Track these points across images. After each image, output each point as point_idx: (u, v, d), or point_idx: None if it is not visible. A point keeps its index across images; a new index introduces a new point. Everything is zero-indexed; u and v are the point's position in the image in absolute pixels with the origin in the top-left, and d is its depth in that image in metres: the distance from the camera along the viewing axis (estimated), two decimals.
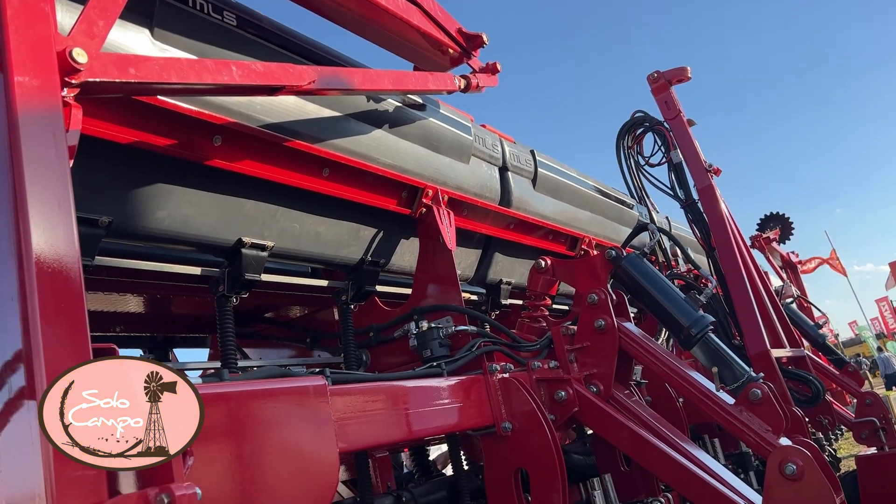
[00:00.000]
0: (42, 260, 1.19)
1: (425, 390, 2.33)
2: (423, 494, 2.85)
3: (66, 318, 1.17)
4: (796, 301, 6.51)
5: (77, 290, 1.21)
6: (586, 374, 3.10)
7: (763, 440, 2.84)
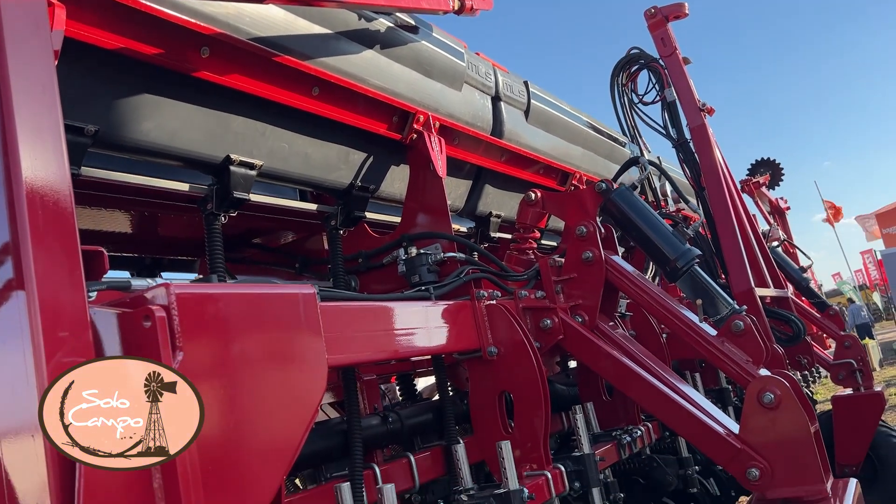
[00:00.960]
0: (30, 162, 1.17)
1: (413, 311, 2.36)
2: (409, 416, 2.90)
3: (55, 218, 1.17)
4: (782, 245, 6.57)
5: (65, 191, 1.20)
6: (572, 304, 3.13)
7: (743, 370, 2.91)
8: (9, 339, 1.10)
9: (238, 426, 1.32)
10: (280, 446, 1.40)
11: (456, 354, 2.71)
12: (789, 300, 4.99)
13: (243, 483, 1.29)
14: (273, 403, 1.43)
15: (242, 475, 1.29)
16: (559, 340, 2.97)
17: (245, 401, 1.36)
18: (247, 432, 1.33)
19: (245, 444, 1.32)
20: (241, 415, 1.34)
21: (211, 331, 1.31)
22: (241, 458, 1.30)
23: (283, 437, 1.41)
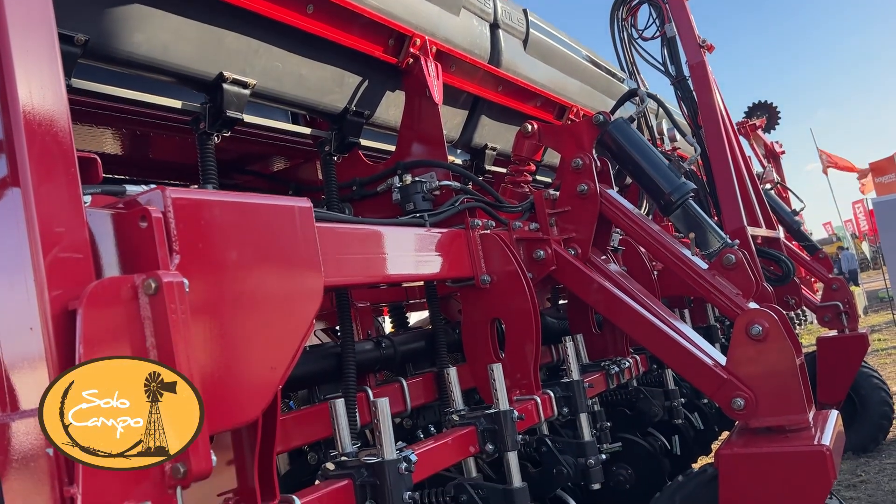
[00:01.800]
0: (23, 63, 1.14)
1: (408, 237, 2.36)
2: (402, 343, 2.94)
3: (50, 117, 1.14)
4: (775, 188, 6.58)
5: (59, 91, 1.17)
6: (565, 237, 3.14)
7: (733, 303, 2.94)
8: (5, 235, 1.09)
9: (234, 334, 1.33)
10: (275, 356, 1.41)
11: (449, 282, 2.73)
12: (780, 241, 5.01)
13: (238, 389, 1.31)
14: (269, 313, 1.43)
15: (237, 381, 1.31)
16: (551, 271, 2.99)
17: (241, 309, 1.37)
18: (242, 340, 1.34)
19: (240, 351, 1.33)
20: (237, 323, 1.34)
21: (207, 236, 1.30)
22: (236, 364, 1.31)
23: (279, 348, 1.42)
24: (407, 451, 1.83)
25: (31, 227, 1.05)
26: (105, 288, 1.07)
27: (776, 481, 2.55)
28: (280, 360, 1.40)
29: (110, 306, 1.06)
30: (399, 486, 1.74)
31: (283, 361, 1.41)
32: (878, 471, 5.39)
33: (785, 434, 2.68)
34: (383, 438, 1.76)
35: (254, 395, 1.33)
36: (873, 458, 5.69)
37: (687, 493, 2.81)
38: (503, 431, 2.26)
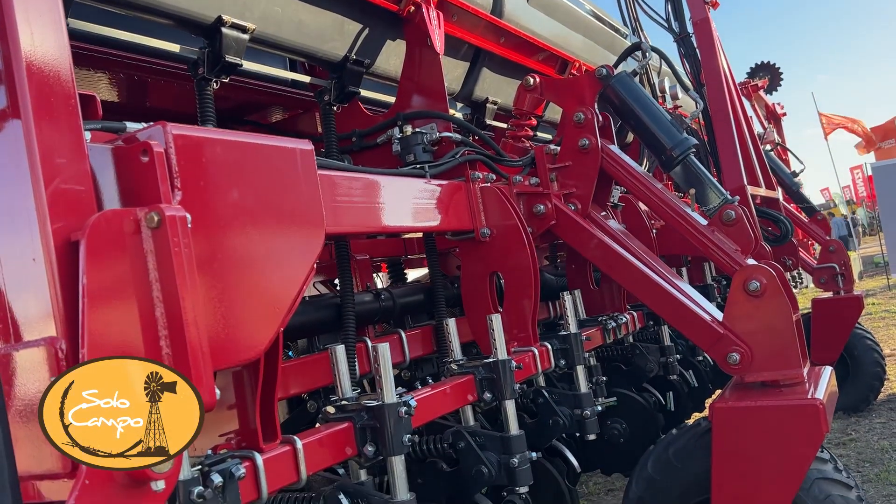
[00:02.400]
0: None
1: (409, 187, 2.35)
2: (401, 295, 2.95)
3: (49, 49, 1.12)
4: (776, 150, 6.55)
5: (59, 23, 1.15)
6: (565, 192, 3.13)
7: (731, 259, 2.95)
8: (6, 166, 1.08)
9: (236, 273, 1.33)
10: (277, 298, 1.41)
11: (449, 235, 2.72)
12: (779, 202, 5.01)
13: (241, 328, 1.31)
14: (271, 254, 1.43)
15: (240, 320, 1.31)
16: (551, 226, 2.99)
17: (243, 248, 1.37)
18: (245, 279, 1.34)
19: (243, 291, 1.33)
20: (238, 262, 1.34)
21: (209, 175, 1.29)
22: (238, 303, 1.31)
23: (281, 289, 1.42)
24: (406, 397, 1.85)
25: (31, 157, 1.04)
26: (108, 220, 1.06)
27: (769, 434, 2.59)
28: (282, 302, 1.41)
29: (113, 238, 1.06)
30: (399, 429, 1.76)
31: (285, 303, 1.42)
32: (868, 430, 5.48)
33: (779, 388, 2.71)
34: (383, 382, 1.77)
35: (256, 335, 1.34)
36: (863, 417, 5.78)
37: (680, 445, 2.85)
38: (501, 380, 2.28)
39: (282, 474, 1.54)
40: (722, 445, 2.66)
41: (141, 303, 1.08)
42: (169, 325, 1.10)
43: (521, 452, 2.25)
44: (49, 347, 1.04)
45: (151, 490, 1.04)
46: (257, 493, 1.46)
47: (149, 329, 1.09)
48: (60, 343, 1.03)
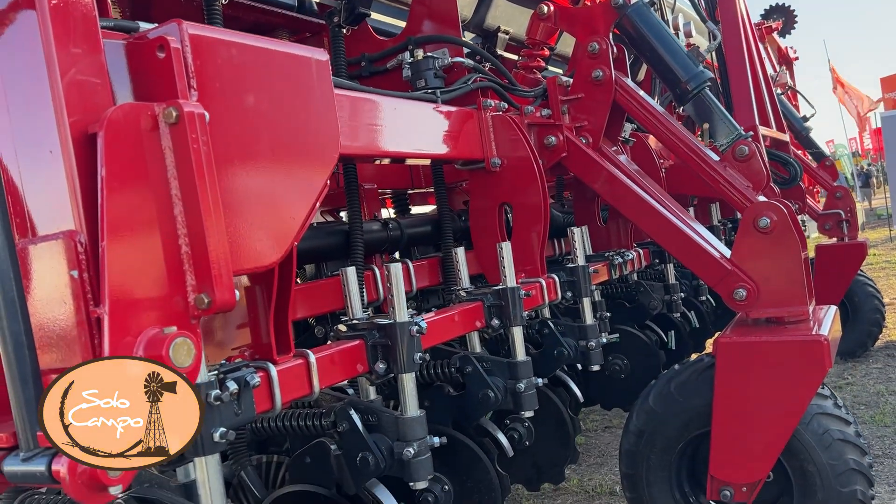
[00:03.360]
0: None
1: (420, 111, 2.31)
2: (408, 225, 2.94)
3: None
4: (786, 94, 6.45)
5: None
6: (577, 125, 3.09)
7: (742, 195, 2.92)
8: (23, 58, 1.05)
9: (253, 177, 1.31)
10: (293, 206, 1.40)
11: (459, 164, 2.69)
12: (788, 144, 4.96)
13: (259, 233, 1.30)
14: (288, 160, 1.41)
15: (258, 225, 1.29)
16: (562, 159, 2.95)
17: (260, 153, 1.34)
18: (262, 184, 1.32)
19: (260, 196, 1.31)
20: (255, 166, 1.32)
21: (224, 76, 1.26)
22: (256, 208, 1.29)
23: (297, 197, 1.41)
24: (417, 318, 1.85)
25: (47, 47, 1.01)
26: (126, 112, 1.03)
27: (773, 369, 2.61)
28: (298, 211, 1.39)
29: (131, 132, 1.03)
30: (410, 347, 1.76)
31: (301, 212, 1.40)
32: (864, 374, 5.54)
33: (784, 325, 2.73)
34: (396, 301, 1.77)
35: (273, 241, 1.33)
36: (860, 362, 5.84)
37: (682, 379, 2.88)
38: (509, 307, 2.28)
39: (295, 386, 1.55)
40: (725, 379, 2.68)
41: (159, 200, 1.06)
42: (188, 223, 1.08)
43: (528, 378, 2.27)
44: (68, 241, 1.02)
45: None
46: (271, 402, 1.47)
47: (167, 227, 1.08)
48: (80, 236, 1.02)
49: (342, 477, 1.82)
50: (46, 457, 0.96)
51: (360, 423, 1.78)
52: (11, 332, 0.97)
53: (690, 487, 2.97)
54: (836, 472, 2.64)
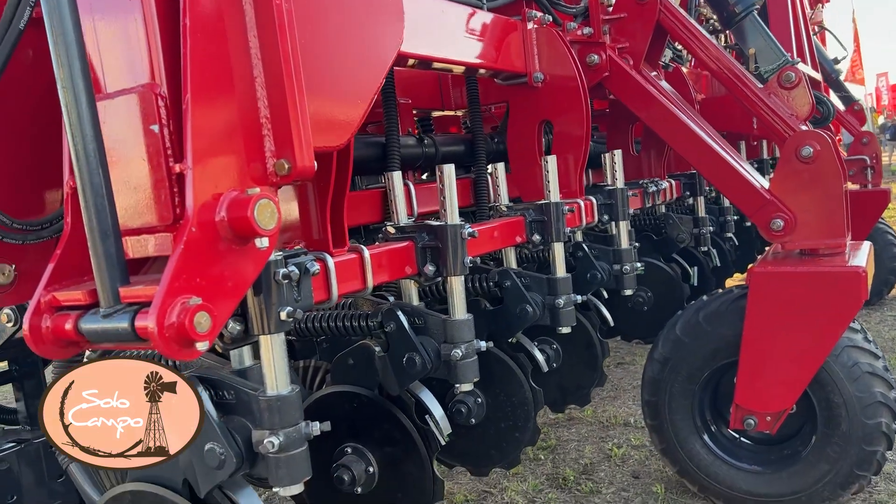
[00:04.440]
0: None
1: (467, 16, 2.23)
2: (443, 143, 2.87)
3: None
4: (819, 34, 6.28)
5: None
6: (619, 46, 3.00)
7: (785, 124, 2.86)
8: None
9: (325, 52, 1.25)
10: (359, 87, 1.35)
11: (499, 79, 2.62)
12: (821, 84, 4.85)
13: (331, 110, 1.25)
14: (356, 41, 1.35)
15: (330, 101, 1.24)
16: (603, 79, 2.88)
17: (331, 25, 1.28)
18: (333, 61, 1.26)
19: (332, 72, 1.26)
20: (326, 39, 1.26)
21: None
22: (328, 82, 1.24)
23: (363, 79, 1.36)
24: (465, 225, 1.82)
25: None
26: None
27: (808, 300, 2.58)
28: (364, 92, 1.34)
29: None
30: (461, 250, 1.73)
31: (367, 95, 1.35)
32: (879, 321, 5.55)
33: (819, 257, 2.70)
34: (447, 203, 1.74)
35: (341, 121, 1.28)
36: (875, 310, 5.85)
37: (711, 309, 2.86)
38: (552, 222, 2.25)
39: (350, 280, 1.53)
40: (757, 309, 2.66)
41: (240, 57, 1.01)
42: (268, 85, 1.04)
43: (567, 294, 2.24)
44: (148, 94, 0.98)
45: (256, 247, 1.01)
46: (328, 293, 1.44)
47: (248, 87, 1.03)
48: (160, 89, 0.97)
49: (385, 378, 1.82)
50: (129, 313, 0.93)
51: (407, 324, 1.76)
52: (93, 187, 0.93)
53: (712, 416, 2.99)
54: (862, 405, 2.65)
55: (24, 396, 1.99)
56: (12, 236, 1.31)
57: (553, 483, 3.41)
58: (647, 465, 3.49)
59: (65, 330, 0.96)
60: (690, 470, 2.95)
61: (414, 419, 1.84)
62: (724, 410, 2.95)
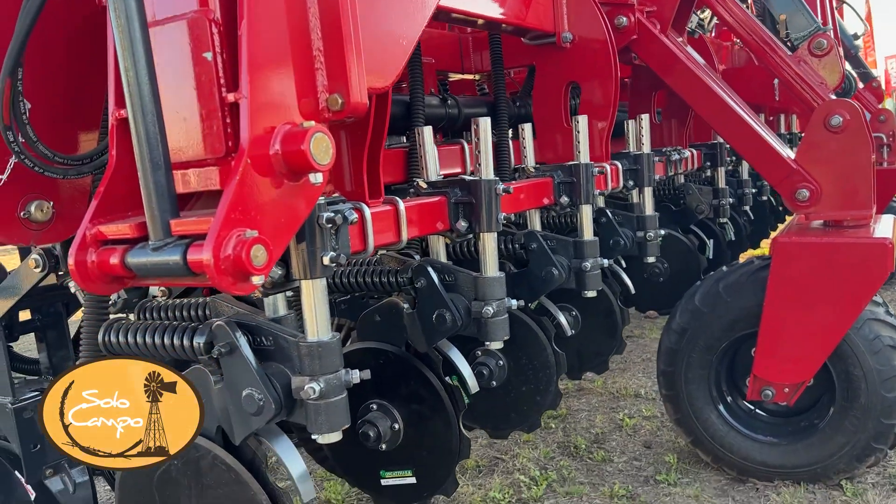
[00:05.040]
0: None
1: None
2: (466, 104, 2.83)
3: None
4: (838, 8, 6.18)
5: None
6: (647, 10, 2.94)
7: (815, 92, 2.81)
8: None
9: None
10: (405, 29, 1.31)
11: (527, 38, 2.57)
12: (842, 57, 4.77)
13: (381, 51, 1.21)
14: None
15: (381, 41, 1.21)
16: (630, 42, 2.82)
17: None
18: None
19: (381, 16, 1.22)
20: None
21: None
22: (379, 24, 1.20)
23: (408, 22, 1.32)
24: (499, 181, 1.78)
25: None
26: None
27: (832, 271, 2.56)
28: (409, 35, 1.30)
29: None
30: (495, 206, 1.70)
31: (412, 36, 1.31)
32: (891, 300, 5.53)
33: (844, 228, 2.67)
34: (482, 158, 1.70)
35: (390, 61, 1.25)
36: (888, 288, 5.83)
37: (731, 281, 2.84)
38: (581, 184, 2.21)
39: (385, 232, 1.50)
40: (779, 279, 2.64)
41: None
42: (322, 15, 1.00)
43: (594, 258, 2.22)
44: (201, 20, 0.94)
45: (309, 183, 0.98)
46: (364, 243, 1.42)
47: (301, 17, 0.99)
48: (214, 14, 0.93)
49: (413, 335, 1.80)
50: (180, 246, 0.90)
51: (437, 280, 1.73)
52: (145, 116, 0.89)
53: (728, 387, 2.98)
54: (882, 378, 2.64)
55: (47, 347, 1.97)
56: (53, 170, 1.28)
57: (564, 451, 3.41)
58: (658, 435, 3.49)
59: (111, 264, 0.93)
60: (705, 440, 2.94)
61: (441, 377, 1.82)
62: (741, 382, 2.94)
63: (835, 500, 2.75)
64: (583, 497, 2.95)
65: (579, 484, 3.06)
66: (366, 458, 1.90)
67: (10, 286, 1.63)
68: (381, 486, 1.91)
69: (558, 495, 2.98)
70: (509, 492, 3.01)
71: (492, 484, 3.07)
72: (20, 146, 1.24)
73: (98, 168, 1.34)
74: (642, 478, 3.08)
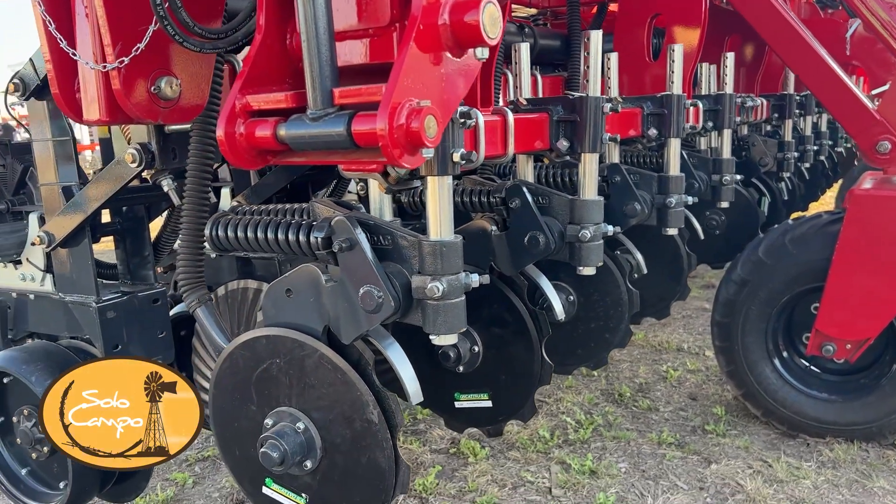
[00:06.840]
0: None
1: None
2: (542, 36, 2.75)
3: None
4: None
5: None
6: None
7: None
8: None
9: None
10: None
11: None
12: None
13: None
14: None
15: None
16: None
17: None
18: None
19: None
20: None
21: None
22: None
23: None
24: None
25: None
26: None
27: None
28: None
29: None
30: (600, 126, 1.64)
31: None
32: None
33: None
34: (591, 73, 1.64)
35: None
36: None
37: (799, 233, 2.77)
38: (672, 116, 2.14)
39: (493, 143, 1.45)
40: (853, 232, 2.57)
41: None
42: None
43: (679, 194, 2.16)
44: None
45: (473, 58, 0.92)
46: (476, 149, 1.36)
47: None
48: None
49: (500, 258, 1.76)
50: (343, 116, 0.86)
51: (531, 201, 1.69)
52: None
53: (784, 342, 2.93)
54: None
55: (125, 251, 1.95)
56: (192, 42, 1.23)
57: (609, 398, 3.40)
58: (704, 388, 3.46)
59: (260, 137, 0.89)
60: (757, 393, 2.91)
61: (526, 301, 1.79)
62: (797, 337, 2.89)
63: (888, 458, 2.73)
64: (630, 442, 2.94)
65: (626, 430, 3.05)
66: (441, 378, 1.88)
67: (105, 179, 1.60)
68: (455, 408, 1.89)
69: (605, 439, 2.97)
70: (557, 432, 3.00)
71: (538, 423, 3.06)
72: (164, 10, 1.18)
73: (232, 44, 1.28)
74: (690, 427, 3.07)
